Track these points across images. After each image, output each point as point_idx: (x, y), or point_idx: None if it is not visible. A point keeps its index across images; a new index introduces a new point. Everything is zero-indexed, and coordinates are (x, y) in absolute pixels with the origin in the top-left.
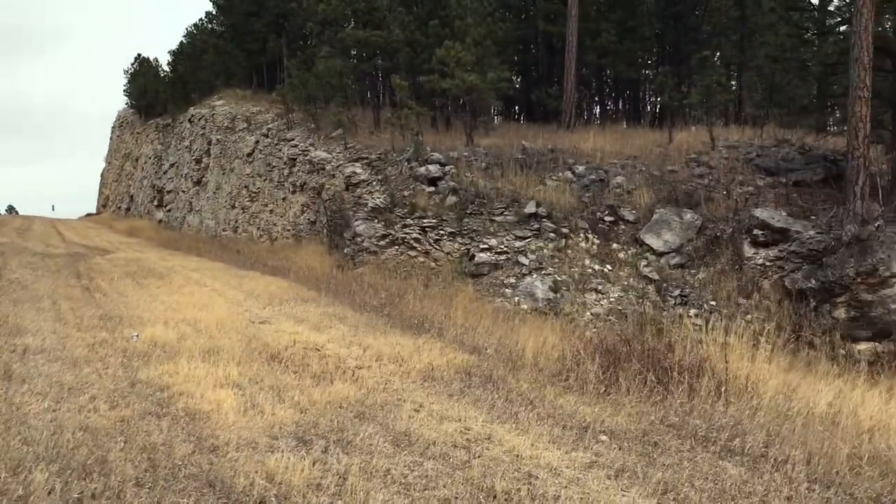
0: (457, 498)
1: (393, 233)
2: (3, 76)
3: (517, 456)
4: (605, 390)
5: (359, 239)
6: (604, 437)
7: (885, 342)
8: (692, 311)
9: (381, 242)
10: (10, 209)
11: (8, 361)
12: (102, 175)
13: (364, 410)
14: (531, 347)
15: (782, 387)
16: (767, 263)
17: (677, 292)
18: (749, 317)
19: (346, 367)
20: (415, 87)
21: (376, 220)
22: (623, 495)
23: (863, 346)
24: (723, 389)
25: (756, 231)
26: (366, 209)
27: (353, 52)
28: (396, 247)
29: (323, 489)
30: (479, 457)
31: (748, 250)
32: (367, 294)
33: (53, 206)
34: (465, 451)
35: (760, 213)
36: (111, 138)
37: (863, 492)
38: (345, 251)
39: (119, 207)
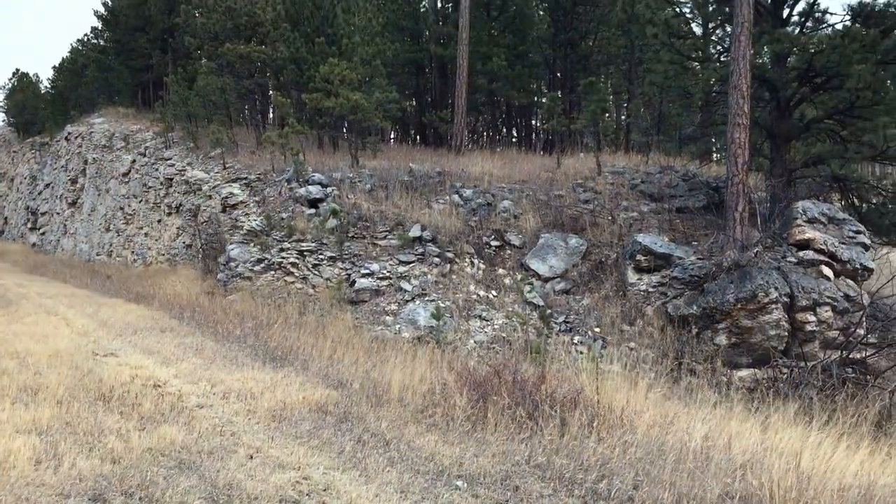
0: None
1: (269, 257)
2: None
3: None
4: (472, 427)
5: (233, 264)
6: (459, 483)
7: (763, 369)
8: (576, 338)
9: (257, 268)
10: None
11: None
12: None
13: (188, 459)
14: (398, 380)
15: (659, 419)
16: (650, 289)
17: (562, 318)
18: (632, 344)
19: (185, 406)
20: (300, 106)
21: (252, 244)
22: None
23: (743, 372)
24: (595, 424)
25: (639, 256)
26: (241, 232)
27: (237, 69)
28: (273, 272)
29: None
30: None
31: (632, 276)
32: (232, 323)
33: None
34: None
35: (643, 239)
36: None
37: None
38: (218, 277)
39: None
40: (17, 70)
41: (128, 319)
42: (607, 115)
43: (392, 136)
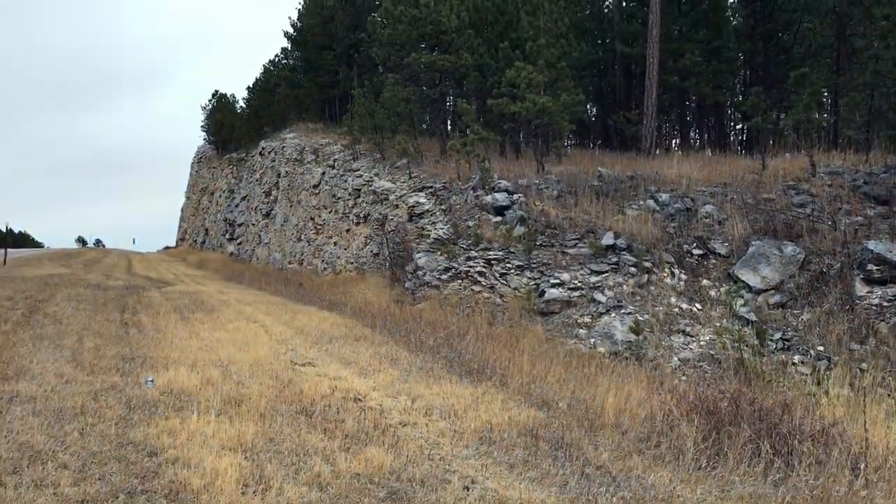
0: None
1: (456, 266)
2: (102, 117)
3: None
4: (707, 463)
5: (420, 272)
6: None
7: None
8: (796, 358)
9: (444, 276)
10: (98, 242)
11: None
12: (182, 209)
13: (399, 488)
14: (612, 403)
15: None
16: (885, 303)
17: (778, 336)
18: (864, 365)
19: (388, 423)
20: (483, 113)
21: (439, 253)
22: None
23: None
24: (862, 466)
25: (870, 266)
26: (428, 241)
27: (422, 78)
28: (459, 281)
29: None
30: None
31: (861, 288)
32: (424, 332)
33: (134, 240)
34: None
35: (875, 246)
36: (190, 173)
37: None
38: (406, 285)
39: (195, 241)
40: (217, 91)
41: (322, 327)
42: (818, 106)
43: (570, 140)
